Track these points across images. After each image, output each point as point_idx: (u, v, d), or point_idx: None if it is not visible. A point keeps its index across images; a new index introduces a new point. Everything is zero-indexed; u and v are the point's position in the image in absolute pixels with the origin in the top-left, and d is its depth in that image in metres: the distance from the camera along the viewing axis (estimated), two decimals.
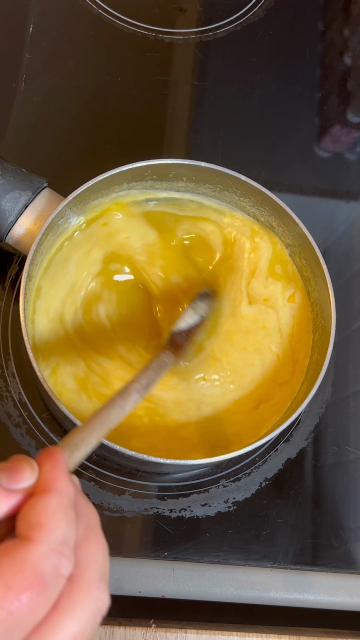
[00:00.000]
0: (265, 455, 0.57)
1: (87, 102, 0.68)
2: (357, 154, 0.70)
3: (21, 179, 0.52)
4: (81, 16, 0.71)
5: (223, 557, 0.54)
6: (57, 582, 0.27)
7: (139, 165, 0.54)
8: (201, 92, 0.70)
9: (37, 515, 0.28)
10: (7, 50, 0.69)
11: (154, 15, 0.72)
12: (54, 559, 0.27)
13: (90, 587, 0.29)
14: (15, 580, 0.26)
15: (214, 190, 0.58)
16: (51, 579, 0.27)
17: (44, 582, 0.26)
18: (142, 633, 0.51)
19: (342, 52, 0.74)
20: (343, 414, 0.59)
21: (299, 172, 0.68)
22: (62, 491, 0.29)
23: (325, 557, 0.55)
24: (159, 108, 0.68)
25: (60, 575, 0.27)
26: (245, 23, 0.73)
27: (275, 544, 0.55)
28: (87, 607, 0.28)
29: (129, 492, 0.55)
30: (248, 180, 0.55)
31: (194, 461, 0.47)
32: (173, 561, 0.54)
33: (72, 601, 0.28)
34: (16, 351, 0.57)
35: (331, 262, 0.57)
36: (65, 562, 0.27)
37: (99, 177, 0.52)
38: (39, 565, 0.26)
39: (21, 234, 0.52)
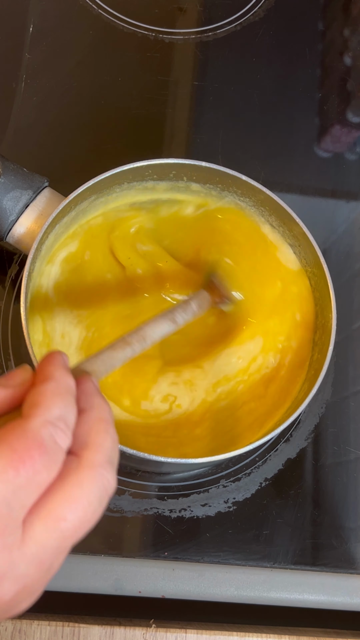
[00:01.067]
0: (265, 455, 0.57)
1: (87, 102, 0.68)
2: (357, 154, 0.70)
3: (22, 178, 0.52)
4: (81, 16, 0.71)
5: (223, 557, 0.54)
6: (55, 449, 0.30)
7: (139, 165, 0.54)
8: (201, 92, 0.70)
9: (35, 397, 0.31)
10: (7, 50, 0.69)
11: (154, 15, 0.72)
12: (50, 429, 0.30)
13: (97, 466, 0.31)
14: (18, 444, 0.29)
15: (214, 190, 0.58)
16: (50, 445, 0.29)
17: (43, 445, 0.29)
18: (142, 633, 0.51)
19: (342, 52, 0.74)
20: (343, 414, 0.59)
21: (299, 172, 0.68)
22: (58, 379, 0.32)
23: (325, 557, 0.55)
24: (159, 108, 0.68)
25: (58, 445, 0.30)
26: (245, 23, 0.73)
27: (275, 544, 0.55)
28: (94, 483, 0.30)
29: (129, 492, 0.55)
30: (248, 179, 0.55)
31: (194, 460, 0.47)
32: (173, 561, 0.54)
33: (80, 476, 0.30)
34: (16, 351, 0.57)
35: (331, 262, 0.57)
36: (61, 434, 0.30)
37: (99, 176, 0.52)
38: (37, 433, 0.29)
39: (22, 233, 0.52)
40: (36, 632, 0.50)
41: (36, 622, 0.50)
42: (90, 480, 0.30)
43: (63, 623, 0.50)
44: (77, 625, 0.50)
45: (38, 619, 0.50)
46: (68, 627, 0.50)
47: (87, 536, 0.32)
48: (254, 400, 0.54)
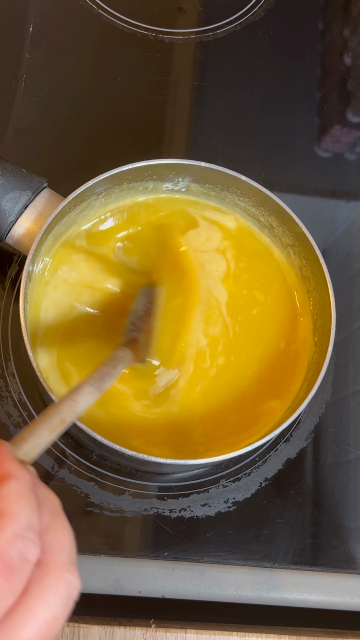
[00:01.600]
0: (265, 455, 0.57)
1: (87, 102, 0.68)
2: (357, 154, 0.70)
3: (21, 179, 0.52)
4: (81, 16, 0.71)
5: (223, 557, 0.54)
6: (24, 567, 0.27)
7: (139, 165, 0.54)
8: (201, 92, 0.70)
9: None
10: (7, 50, 0.69)
11: (154, 15, 0.72)
12: (19, 544, 0.27)
13: (60, 571, 0.29)
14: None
15: (214, 190, 0.58)
16: (18, 564, 0.27)
17: (11, 567, 0.27)
18: (142, 633, 0.51)
19: (342, 52, 0.74)
20: (343, 414, 0.59)
21: (299, 172, 0.68)
22: (18, 476, 0.29)
23: (325, 557, 0.55)
24: (159, 108, 0.68)
25: (27, 561, 0.27)
26: (245, 23, 0.73)
27: (275, 544, 0.55)
28: (58, 592, 0.28)
29: (129, 492, 0.55)
30: (248, 180, 0.55)
31: (194, 461, 0.47)
32: (173, 561, 0.54)
33: (43, 586, 0.28)
34: (16, 351, 0.57)
35: (331, 262, 0.57)
36: (32, 546, 0.28)
37: (99, 177, 0.52)
38: (5, 552, 0.27)
39: (21, 234, 0.52)
40: None
41: None
42: (54, 591, 0.28)
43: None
44: (77, 625, 0.50)
45: None
46: (68, 627, 0.50)
47: (87, 536, 0.32)
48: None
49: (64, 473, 0.54)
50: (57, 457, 0.55)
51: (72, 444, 0.55)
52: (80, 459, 0.55)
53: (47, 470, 0.54)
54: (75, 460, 0.55)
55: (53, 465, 0.54)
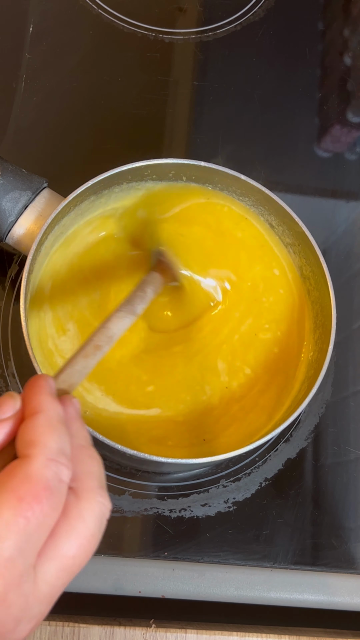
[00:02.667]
0: (265, 455, 0.57)
1: (87, 102, 0.68)
2: (357, 154, 0.70)
3: (21, 179, 0.52)
4: (81, 16, 0.71)
5: (223, 557, 0.54)
6: (60, 487, 0.30)
7: (139, 165, 0.54)
8: (201, 92, 0.70)
9: (30, 435, 0.31)
10: (7, 50, 0.69)
11: (154, 15, 0.72)
12: (53, 467, 0.30)
13: (92, 494, 0.32)
14: (24, 491, 0.29)
15: (214, 190, 0.58)
16: (55, 484, 0.30)
17: (50, 487, 0.29)
18: (142, 633, 0.51)
19: (342, 52, 0.74)
20: (343, 414, 0.59)
21: (299, 172, 0.68)
22: (48, 410, 0.32)
23: (325, 557, 0.55)
24: (159, 108, 0.68)
25: (62, 481, 0.30)
26: (245, 23, 0.73)
27: (275, 544, 0.55)
28: (94, 512, 0.31)
29: (129, 492, 0.55)
30: (247, 179, 0.55)
31: (194, 460, 0.47)
32: (173, 561, 0.54)
33: (80, 508, 0.31)
34: (16, 351, 0.57)
35: (331, 262, 0.57)
36: (64, 469, 0.30)
37: (98, 177, 0.52)
38: (42, 475, 0.29)
39: (21, 234, 0.52)
40: (36, 632, 0.50)
41: None
42: (90, 511, 0.31)
43: (63, 623, 0.50)
44: (77, 625, 0.50)
45: None
46: (68, 627, 0.50)
47: None
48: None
49: None
50: None
51: None
52: None
53: None
54: None
55: None
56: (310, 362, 0.54)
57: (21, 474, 0.29)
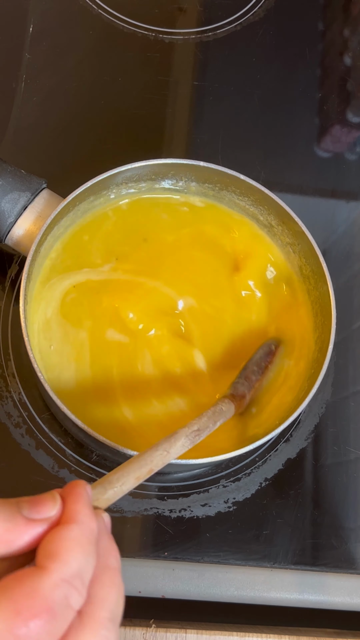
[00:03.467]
0: (265, 455, 0.57)
1: (87, 102, 0.68)
2: (357, 154, 0.70)
3: (20, 180, 0.52)
4: (81, 16, 0.71)
5: (223, 557, 0.54)
6: (66, 613, 0.27)
7: (139, 165, 0.54)
8: (201, 92, 0.70)
9: (55, 546, 0.28)
10: (7, 50, 0.69)
11: (154, 15, 0.72)
12: (64, 589, 0.27)
13: (98, 626, 0.28)
14: (24, 606, 0.26)
15: (213, 190, 0.58)
16: (60, 609, 0.27)
17: (53, 611, 0.26)
18: (142, 633, 0.51)
19: (342, 52, 0.74)
20: (343, 414, 0.59)
21: (299, 172, 0.68)
22: (82, 523, 0.29)
23: (325, 557, 0.55)
24: (159, 108, 0.68)
25: (70, 607, 0.27)
26: (245, 23, 0.73)
27: (275, 544, 0.55)
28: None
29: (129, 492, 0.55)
30: (247, 179, 0.55)
31: (194, 461, 0.47)
32: (173, 561, 0.54)
33: (79, 638, 0.28)
34: (16, 351, 0.57)
35: (331, 262, 0.57)
36: (76, 594, 0.28)
37: (98, 177, 0.52)
38: (49, 594, 0.27)
39: (20, 235, 0.52)
40: None
41: None
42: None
43: None
44: None
45: None
46: None
47: None
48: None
49: (64, 473, 0.54)
50: (57, 457, 0.55)
51: (72, 444, 0.55)
52: (80, 459, 0.55)
53: (47, 470, 0.54)
54: (75, 460, 0.55)
55: (53, 465, 0.54)
56: (310, 362, 0.54)
57: (28, 586, 0.27)
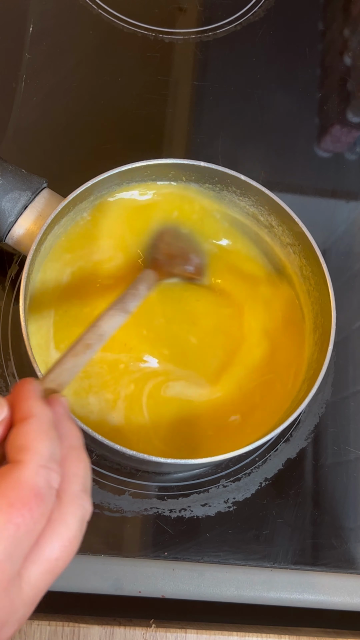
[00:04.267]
0: (265, 455, 0.57)
1: (87, 102, 0.68)
2: (357, 154, 0.70)
3: (21, 179, 0.52)
4: (81, 16, 0.71)
5: (223, 557, 0.54)
6: (50, 493, 0.31)
7: (139, 165, 0.54)
8: (201, 92, 0.70)
9: (22, 440, 0.31)
10: (7, 50, 0.69)
11: (154, 15, 0.72)
12: (44, 474, 0.30)
13: (75, 497, 0.32)
14: (15, 497, 0.29)
15: (213, 190, 0.58)
16: (45, 491, 0.30)
17: (40, 494, 0.30)
18: (142, 633, 0.51)
19: (342, 52, 0.74)
20: (343, 414, 0.59)
21: (299, 172, 0.68)
22: (39, 415, 0.32)
23: (325, 557, 0.55)
24: (159, 108, 0.68)
25: (52, 488, 0.31)
26: (245, 23, 0.73)
27: (275, 544, 0.55)
28: (75, 515, 0.32)
29: (129, 492, 0.55)
30: (247, 179, 0.55)
31: (193, 460, 0.47)
32: (173, 561, 0.54)
33: (62, 512, 0.32)
34: (16, 351, 0.57)
35: (331, 262, 0.57)
36: (54, 475, 0.31)
37: (98, 177, 0.52)
38: (33, 481, 0.30)
39: (21, 234, 0.52)
40: (36, 632, 0.50)
41: (36, 622, 0.50)
42: (72, 514, 0.32)
43: (63, 623, 0.50)
44: (77, 625, 0.50)
45: (38, 619, 0.50)
46: (68, 627, 0.50)
47: (87, 536, 0.33)
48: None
49: None
50: None
51: None
52: None
53: None
54: None
55: None
56: (310, 362, 0.54)
57: (12, 480, 0.30)
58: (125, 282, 0.53)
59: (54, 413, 0.34)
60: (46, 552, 0.31)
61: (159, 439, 0.52)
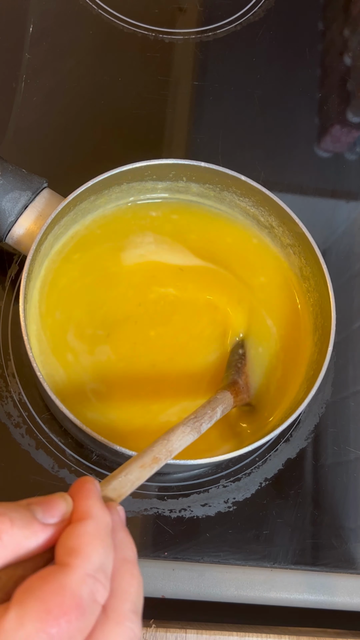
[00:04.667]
0: (265, 455, 0.57)
1: (87, 102, 0.68)
2: (357, 154, 0.70)
3: (21, 179, 0.52)
4: (81, 16, 0.71)
5: (223, 557, 0.54)
6: (93, 607, 0.28)
7: (139, 165, 0.54)
8: (201, 92, 0.70)
9: (74, 542, 0.28)
10: (7, 50, 0.69)
11: (154, 15, 0.72)
12: (90, 584, 0.27)
13: (123, 618, 0.29)
14: (54, 604, 0.26)
15: (214, 190, 0.58)
16: (88, 604, 0.27)
17: (82, 606, 0.27)
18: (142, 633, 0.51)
19: (342, 52, 0.74)
20: (343, 414, 0.59)
21: (299, 172, 0.68)
22: (97, 517, 0.30)
23: (325, 557, 0.55)
24: (159, 108, 0.68)
25: (97, 602, 0.28)
26: (245, 23, 0.73)
27: (275, 544, 0.55)
28: (120, 638, 0.28)
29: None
30: (247, 180, 0.55)
31: (194, 461, 0.47)
32: (173, 561, 0.54)
33: (106, 631, 0.28)
34: (16, 351, 0.57)
35: (331, 262, 0.57)
36: (101, 588, 0.28)
37: (98, 177, 0.52)
38: (77, 591, 0.27)
39: (21, 234, 0.52)
40: None
41: None
42: (117, 635, 0.28)
43: None
44: None
45: None
46: None
47: None
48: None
49: (64, 473, 0.54)
50: (57, 457, 0.55)
51: (72, 444, 0.55)
52: (80, 459, 0.55)
53: (47, 470, 0.54)
54: (75, 460, 0.55)
55: (53, 465, 0.54)
56: (310, 363, 0.54)
57: (55, 584, 0.27)
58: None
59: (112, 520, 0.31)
60: None
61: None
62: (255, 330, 0.56)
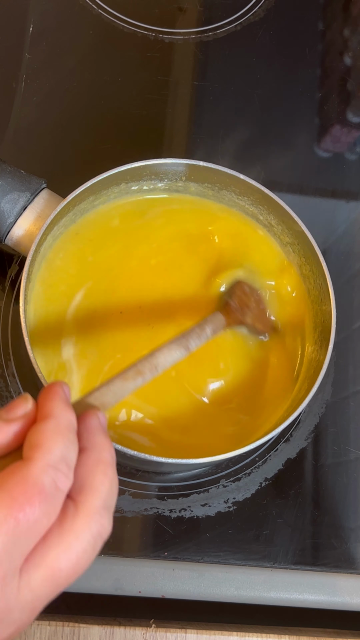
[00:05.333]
0: (265, 455, 0.57)
1: (87, 102, 0.68)
2: (357, 154, 0.70)
3: (20, 180, 0.52)
4: (81, 16, 0.71)
5: (223, 557, 0.54)
6: (56, 494, 0.30)
7: (139, 165, 0.54)
8: (201, 92, 0.70)
9: (36, 437, 0.31)
10: (7, 50, 0.69)
11: (154, 15, 0.72)
12: (51, 473, 0.30)
13: (93, 512, 0.31)
14: (18, 492, 0.29)
15: (213, 189, 0.58)
16: (50, 490, 0.30)
17: (44, 492, 0.29)
18: (142, 633, 0.51)
19: (342, 52, 0.74)
20: (343, 414, 0.59)
21: (299, 172, 0.68)
22: (58, 416, 0.32)
23: (325, 557, 0.55)
24: (159, 108, 0.68)
25: (58, 489, 0.30)
26: (245, 23, 0.73)
27: (275, 544, 0.55)
28: (89, 530, 0.31)
29: (129, 492, 0.55)
30: (247, 179, 0.55)
31: (194, 460, 0.47)
32: (173, 561, 0.54)
33: (76, 523, 0.31)
34: (16, 351, 0.57)
35: (331, 262, 0.57)
36: (62, 477, 0.30)
37: (98, 177, 0.52)
38: (38, 479, 0.29)
39: (20, 235, 0.52)
40: (36, 632, 0.50)
41: (36, 622, 0.50)
42: (86, 527, 0.31)
43: (63, 623, 0.50)
44: (77, 625, 0.50)
45: (38, 619, 0.50)
46: (68, 627, 0.50)
47: None
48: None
49: None
50: None
51: None
52: None
53: None
54: None
55: None
56: (310, 362, 0.54)
57: (19, 476, 0.29)
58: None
59: (86, 425, 0.34)
60: (50, 557, 0.30)
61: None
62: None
